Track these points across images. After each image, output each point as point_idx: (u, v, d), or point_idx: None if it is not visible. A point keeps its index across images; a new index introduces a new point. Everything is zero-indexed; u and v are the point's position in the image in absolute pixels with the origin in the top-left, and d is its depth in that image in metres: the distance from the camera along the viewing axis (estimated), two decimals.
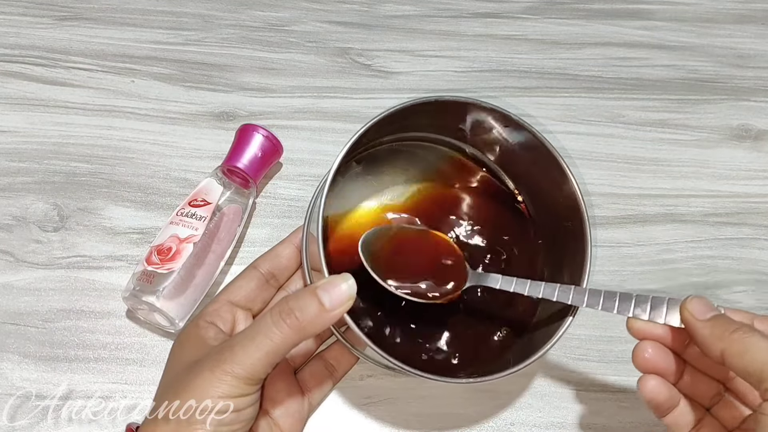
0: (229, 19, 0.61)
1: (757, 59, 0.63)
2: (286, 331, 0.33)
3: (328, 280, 0.34)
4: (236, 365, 0.33)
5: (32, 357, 0.46)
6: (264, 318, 0.34)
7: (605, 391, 0.48)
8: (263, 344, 0.34)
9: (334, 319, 0.34)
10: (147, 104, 0.55)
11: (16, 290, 0.48)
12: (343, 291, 0.34)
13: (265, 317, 0.34)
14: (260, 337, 0.34)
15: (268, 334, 0.34)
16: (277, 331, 0.34)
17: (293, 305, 0.34)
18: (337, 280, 0.34)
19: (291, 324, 0.33)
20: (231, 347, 0.34)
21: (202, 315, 0.41)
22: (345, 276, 0.34)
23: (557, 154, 0.43)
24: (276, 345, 0.34)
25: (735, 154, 0.58)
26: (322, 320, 0.34)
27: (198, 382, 0.34)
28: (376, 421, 0.46)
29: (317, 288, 0.34)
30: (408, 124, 0.44)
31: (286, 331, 0.33)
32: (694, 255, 0.53)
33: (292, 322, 0.33)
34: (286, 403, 0.41)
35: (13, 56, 0.57)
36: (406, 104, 0.41)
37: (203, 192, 0.47)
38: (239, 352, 0.34)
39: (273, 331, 0.34)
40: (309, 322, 0.33)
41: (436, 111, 0.43)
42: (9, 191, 0.51)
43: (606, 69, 0.61)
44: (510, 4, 0.64)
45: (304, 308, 0.33)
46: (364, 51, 0.60)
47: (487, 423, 0.46)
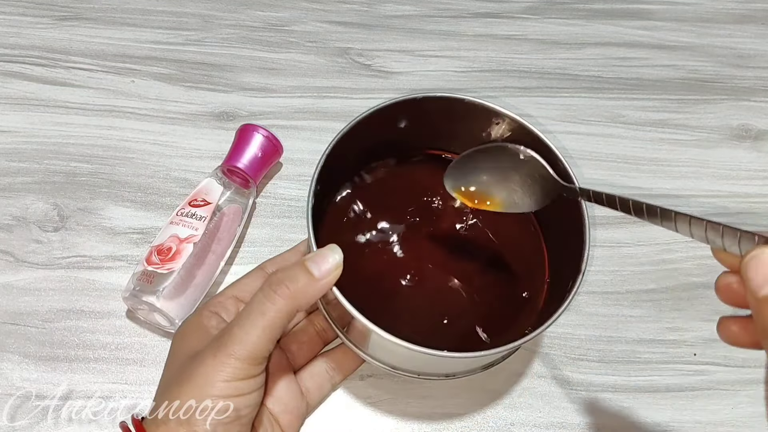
0: (229, 19, 0.61)
1: (757, 59, 0.63)
2: (279, 302, 0.34)
3: (316, 252, 0.35)
4: (237, 346, 0.34)
5: (32, 357, 0.46)
6: (256, 295, 0.35)
7: (605, 391, 0.48)
8: (259, 320, 0.34)
9: (324, 287, 0.35)
10: (147, 104, 0.55)
11: (16, 290, 0.48)
12: (330, 261, 0.35)
13: (257, 294, 0.35)
14: (255, 314, 0.34)
15: (261, 309, 0.34)
16: (269, 303, 0.34)
17: (282, 276, 0.35)
18: (325, 251, 0.35)
19: (282, 294, 0.34)
20: (229, 330, 0.35)
21: (206, 306, 0.41)
22: (332, 247, 0.35)
23: (557, 154, 0.42)
24: (272, 318, 0.34)
25: (735, 154, 0.58)
26: (312, 289, 0.34)
27: (202, 370, 0.34)
28: (376, 421, 0.46)
29: (306, 259, 0.35)
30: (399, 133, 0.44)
31: (279, 302, 0.34)
32: (694, 255, 0.53)
33: (283, 292, 0.34)
34: (285, 400, 0.41)
35: (13, 56, 0.57)
36: (395, 100, 0.41)
37: (203, 192, 0.47)
38: (238, 333, 0.34)
39: (266, 305, 0.34)
40: (300, 291, 0.34)
41: (430, 110, 0.43)
42: (9, 191, 0.51)
43: (606, 69, 0.61)
44: (510, 4, 0.64)
45: (294, 278, 0.34)
46: (364, 51, 0.60)
47: (487, 423, 0.46)
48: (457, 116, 0.44)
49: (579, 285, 0.38)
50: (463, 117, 0.44)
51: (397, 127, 0.44)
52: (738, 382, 0.48)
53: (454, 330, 0.42)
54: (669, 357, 0.49)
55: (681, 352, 0.49)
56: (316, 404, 0.45)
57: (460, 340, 0.42)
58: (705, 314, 0.51)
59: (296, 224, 0.52)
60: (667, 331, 0.50)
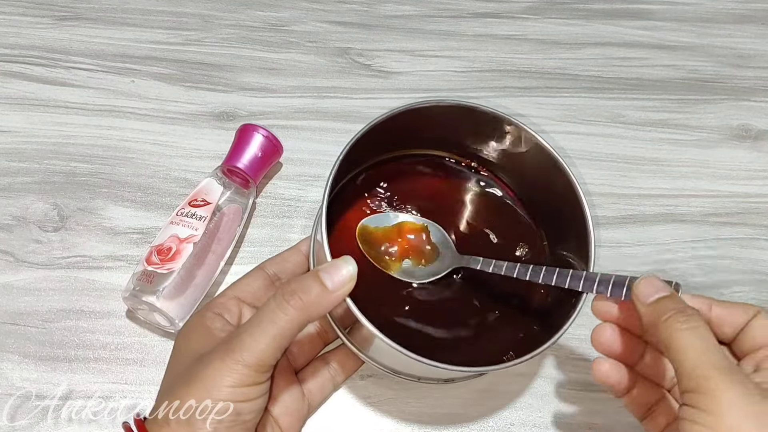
0: (229, 19, 0.61)
1: (757, 59, 0.63)
2: (291, 312, 0.34)
3: (329, 263, 0.35)
4: (245, 352, 0.34)
5: (32, 357, 0.46)
6: (268, 303, 0.35)
7: (605, 391, 0.48)
8: (269, 329, 0.34)
9: (336, 300, 0.34)
10: (147, 104, 0.55)
11: (16, 290, 0.48)
12: (344, 273, 0.35)
13: (269, 302, 0.35)
14: (266, 322, 0.34)
15: (273, 318, 0.34)
16: (281, 313, 0.34)
17: (296, 287, 0.34)
18: (339, 263, 0.35)
19: (295, 305, 0.34)
20: (239, 336, 0.35)
21: (209, 307, 0.41)
22: (346, 258, 0.35)
23: (557, 154, 0.42)
24: (282, 328, 0.34)
25: (735, 154, 0.58)
26: (325, 301, 0.34)
27: (208, 373, 0.34)
28: (376, 421, 0.46)
29: (319, 270, 0.35)
30: (405, 134, 0.45)
31: (290, 312, 0.34)
32: (694, 255, 0.53)
33: (296, 303, 0.34)
34: (286, 402, 0.41)
35: (13, 56, 0.57)
36: (410, 106, 0.41)
37: (203, 192, 0.47)
38: (247, 339, 0.34)
39: (278, 314, 0.34)
40: (312, 303, 0.34)
41: (436, 114, 0.43)
42: (9, 191, 0.51)
43: (606, 69, 0.61)
44: (510, 4, 0.64)
45: (307, 289, 0.34)
46: (364, 51, 0.60)
47: (487, 423, 0.46)
48: (468, 122, 0.44)
49: (582, 304, 0.38)
50: (474, 123, 0.44)
51: (405, 129, 0.44)
52: None
53: (458, 336, 0.43)
54: None
55: None
56: (318, 405, 0.45)
57: (461, 347, 0.42)
58: None
59: (296, 224, 0.52)
60: None
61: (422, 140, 0.47)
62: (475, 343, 0.42)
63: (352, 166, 0.46)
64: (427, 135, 0.46)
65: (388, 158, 0.47)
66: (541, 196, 0.46)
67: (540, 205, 0.47)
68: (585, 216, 0.41)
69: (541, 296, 0.44)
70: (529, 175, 0.46)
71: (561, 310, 0.40)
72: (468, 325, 0.43)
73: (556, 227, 0.46)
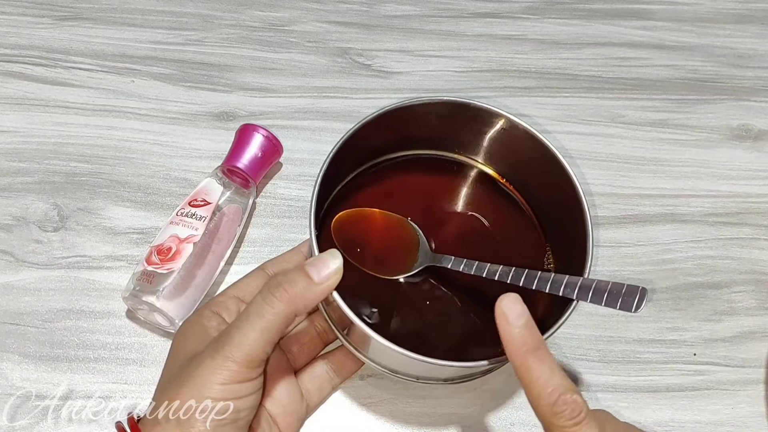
0: (229, 19, 0.61)
1: (757, 59, 0.63)
2: (278, 305, 0.34)
3: (316, 257, 0.35)
4: (234, 348, 0.34)
5: (32, 357, 0.46)
6: (255, 298, 0.35)
7: (605, 391, 0.48)
8: (257, 322, 0.34)
9: (322, 292, 0.35)
10: (147, 104, 0.55)
11: (16, 290, 0.48)
12: (330, 266, 0.35)
13: (256, 297, 0.35)
14: (253, 316, 0.34)
15: (260, 312, 0.34)
16: (268, 306, 0.34)
17: (282, 280, 0.35)
18: (325, 256, 0.35)
19: (281, 297, 0.34)
20: (228, 332, 0.35)
21: (208, 305, 0.41)
22: (332, 252, 0.36)
23: (557, 154, 0.42)
24: (269, 321, 0.34)
25: (735, 154, 0.58)
26: (311, 293, 0.35)
27: (199, 372, 0.34)
28: (376, 421, 0.46)
29: (306, 264, 0.35)
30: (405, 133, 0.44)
31: (277, 305, 0.34)
32: (694, 255, 0.53)
33: (282, 295, 0.34)
34: (284, 402, 0.41)
35: (13, 56, 0.57)
36: (402, 103, 0.41)
37: (203, 192, 0.47)
38: (236, 335, 0.34)
39: (264, 307, 0.34)
40: (298, 295, 0.34)
41: (433, 112, 0.43)
42: (9, 191, 0.51)
43: (606, 69, 0.61)
44: (510, 4, 0.64)
45: (293, 282, 0.34)
46: (364, 51, 0.60)
47: (487, 423, 0.46)
48: (461, 119, 0.44)
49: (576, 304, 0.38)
50: (468, 120, 0.44)
51: (403, 127, 0.44)
52: (738, 382, 0.48)
53: (457, 335, 0.43)
54: (669, 357, 0.49)
55: (681, 352, 0.49)
56: (316, 406, 0.44)
57: (461, 346, 0.42)
58: (705, 314, 0.51)
59: (296, 224, 0.52)
60: (667, 331, 0.50)
61: (421, 140, 0.47)
62: (472, 342, 0.42)
63: (352, 166, 0.46)
64: (424, 134, 0.46)
65: (388, 158, 0.47)
66: (542, 195, 0.46)
67: (540, 205, 0.47)
68: (585, 216, 0.41)
69: (539, 295, 0.44)
70: (529, 173, 0.46)
71: (557, 309, 0.40)
72: (465, 324, 0.43)
73: (555, 227, 0.45)
